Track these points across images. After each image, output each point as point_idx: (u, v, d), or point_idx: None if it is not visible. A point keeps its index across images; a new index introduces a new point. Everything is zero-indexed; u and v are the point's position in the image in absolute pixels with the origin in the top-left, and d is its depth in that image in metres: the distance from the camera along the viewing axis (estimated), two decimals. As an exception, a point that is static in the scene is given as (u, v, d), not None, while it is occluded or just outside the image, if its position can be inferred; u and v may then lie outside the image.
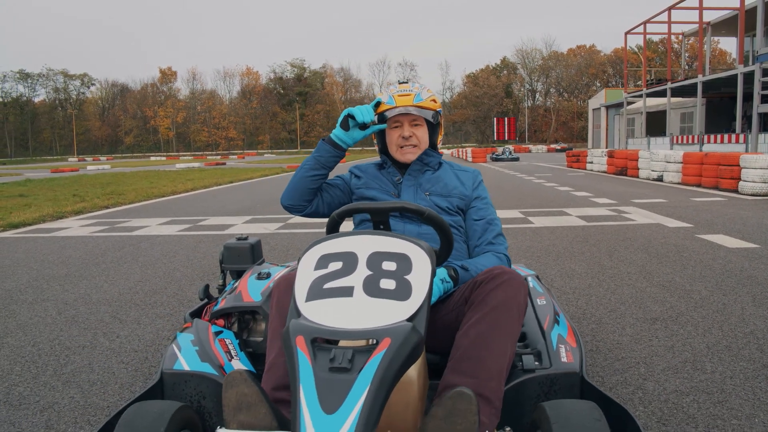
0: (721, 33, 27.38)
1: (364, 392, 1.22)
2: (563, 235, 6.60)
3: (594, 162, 20.68)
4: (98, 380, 2.67)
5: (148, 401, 1.66)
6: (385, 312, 1.41)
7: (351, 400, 1.21)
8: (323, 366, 1.28)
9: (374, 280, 1.48)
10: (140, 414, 1.55)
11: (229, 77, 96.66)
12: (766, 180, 10.05)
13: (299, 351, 1.31)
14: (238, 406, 1.44)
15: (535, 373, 1.88)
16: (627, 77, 34.74)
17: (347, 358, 1.27)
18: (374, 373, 1.25)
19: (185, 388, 1.95)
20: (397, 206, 1.79)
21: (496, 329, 1.68)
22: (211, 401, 1.93)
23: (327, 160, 2.20)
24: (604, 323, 3.31)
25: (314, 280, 1.52)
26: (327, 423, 1.19)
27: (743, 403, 2.27)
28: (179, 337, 2.20)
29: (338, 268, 1.53)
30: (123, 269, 5.17)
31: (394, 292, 1.45)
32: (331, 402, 1.21)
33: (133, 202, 11.79)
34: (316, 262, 1.58)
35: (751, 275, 4.32)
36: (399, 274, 1.50)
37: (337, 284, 1.48)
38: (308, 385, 1.25)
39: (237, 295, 2.41)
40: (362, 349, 1.31)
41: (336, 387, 1.24)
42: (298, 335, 1.34)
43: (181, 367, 1.98)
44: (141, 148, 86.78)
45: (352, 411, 1.20)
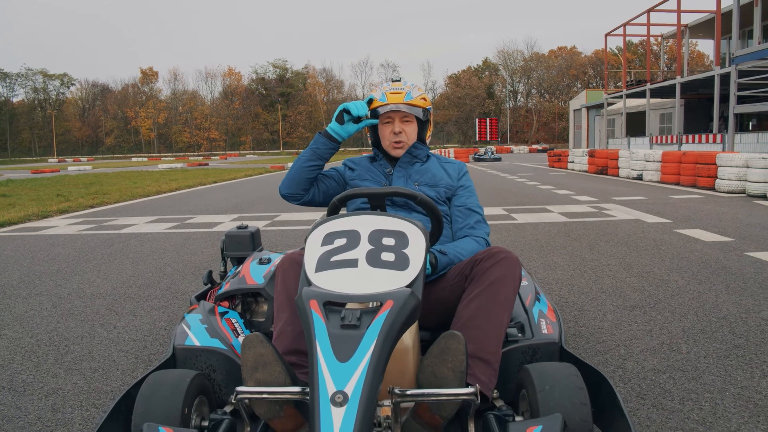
0: (699, 35, 27.95)
1: (372, 344, 1.39)
2: (545, 230, 6.77)
3: (575, 161, 20.98)
4: (100, 367, 2.75)
5: (165, 370, 1.79)
6: (386, 280, 1.58)
7: (361, 351, 1.38)
8: (335, 324, 1.45)
9: (376, 253, 1.66)
10: (160, 381, 1.68)
11: (211, 78, 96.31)
12: (741, 178, 10.34)
13: (313, 312, 1.47)
14: (255, 366, 1.57)
15: (518, 342, 2.07)
16: (607, 78, 35.24)
17: (356, 317, 1.45)
18: (380, 329, 1.42)
19: (196, 362, 2.07)
20: (392, 191, 1.97)
21: (494, 301, 1.86)
22: (220, 374, 2.05)
23: (323, 152, 2.35)
24: (586, 310, 3.46)
25: (322, 254, 1.68)
26: (341, 369, 1.35)
27: (715, 379, 2.42)
28: (187, 317, 2.32)
29: (343, 244, 1.70)
30: (114, 265, 5.23)
31: (394, 263, 1.64)
32: (344, 352, 1.38)
33: (118, 202, 11.77)
34: (322, 239, 1.74)
35: (725, 266, 4.51)
36: (397, 248, 1.68)
37: (342, 257, 1.65)
38: (323, 339, 1.41)
39: (241, 279, 2.54)
40: (368, 310, 1.48)
41: (347, 341, 1.40)
42: (311, 299, 1.50)
43: (191, 342, 2.11)
44: (122, 149, 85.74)
45: (362, 359, 1.37)
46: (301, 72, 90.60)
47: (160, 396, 1.64)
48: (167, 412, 1.60)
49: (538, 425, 1.44)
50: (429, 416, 1.60)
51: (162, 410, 1.61)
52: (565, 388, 1.61)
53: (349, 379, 1.33)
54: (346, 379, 1.33)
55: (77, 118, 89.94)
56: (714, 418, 2.09)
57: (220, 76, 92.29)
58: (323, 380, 1.34)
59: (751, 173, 9.92)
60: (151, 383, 1.69)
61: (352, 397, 1.31)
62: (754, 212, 7.82)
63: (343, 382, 1.33)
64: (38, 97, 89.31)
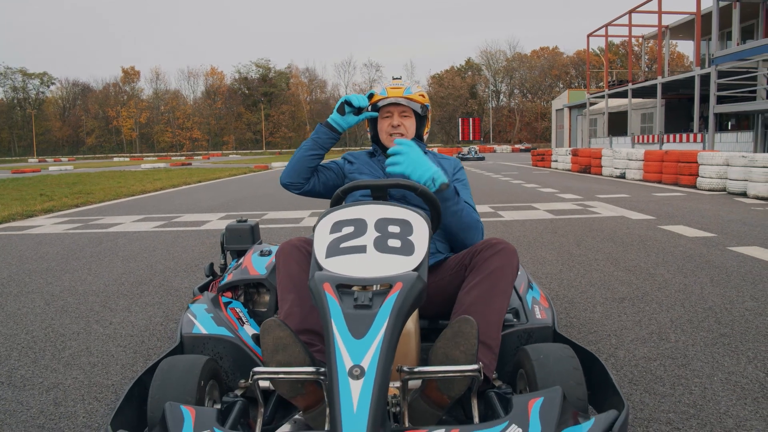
0: (679, 36, 28.37)
1: (385, 322, 1.47)
2: (533, 227, 6.87)
3: (559, 160, 21.19)
4: (99, 362, 2.77)
5: (178, 356, 1.85)
6: (394, 264, 1.67)
7: (375, 328, 1.46)
8: (349, 305, 1.53)
9: (383, 240, 1.74)
10: (174, 365, 1.74)
11: (194, 77, 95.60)
12: (721, 176, 10.55)
13: (327, 295, 1.55)
14: (275, 348, 1.63)
15: (514, 327, 2.18)
16: (589, 78, 35.63)
17: (368, 298, 1.54)
18: (391, 308, 1.50)
19: (203, 349, 2.13)
20: (393, 182, 2.06)
21: (494, 289, 1.95)
22: (227, 361, 2.11)
23: (324, 141, 2.43)
24: (576, 303, 3.54)
25: (331, 241, 1.77)
26: (357, 345, 1.43)
27: (704, 366, 2.51)
28: (192, 307, 2.38)
29: (350, 231, 1.78)
30: (104, 263, 5.21)
31: (401, 249, 1.72)
32: (358, 330, 1.46)
33: (103, 201, 11.66)
34: (330, 227, 1.83)
35: (709, 260, 4.63)
36: (403, 235, 1.78)
37: (351, 243, 1.74)
38: (338, 319, 1.49)
39: (243, 270, 2.60)
40: (379, 291, 1.57)
41: (361, 319, 1.49)
42: (324, 282, 1.58)
43: (198, 331, 2.17)
44: (103, 149, 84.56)
45: (376, 336, 1.45)
46: (284, 72, 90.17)
47: (175, 379, 1.69)
48: (183, 395, 1.66)
49: (540, 397, 1.51)
50: (437, 395, 1.66)
51: (177, 393, 1.66)
52: (562, 368, 1.71)
53: (365, 354, 1.41)
54: (362, 354, 1.41)
55: (57, 118, 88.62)
56: (704, 402, 2.17)
57: (202, 75, 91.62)
58: (340, 356, 1.41)
59: (731, 171, 10.13)
60: (165, 368, 1.75)
61: (368, 370, 1.38)
62: (734, 209, 8.00)
63: (359, 356, 1.41)
64: (17, 96, 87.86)
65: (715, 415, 2.07)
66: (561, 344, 1.87)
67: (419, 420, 1.66)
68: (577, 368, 1.73)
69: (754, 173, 9.29)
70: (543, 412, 1.45)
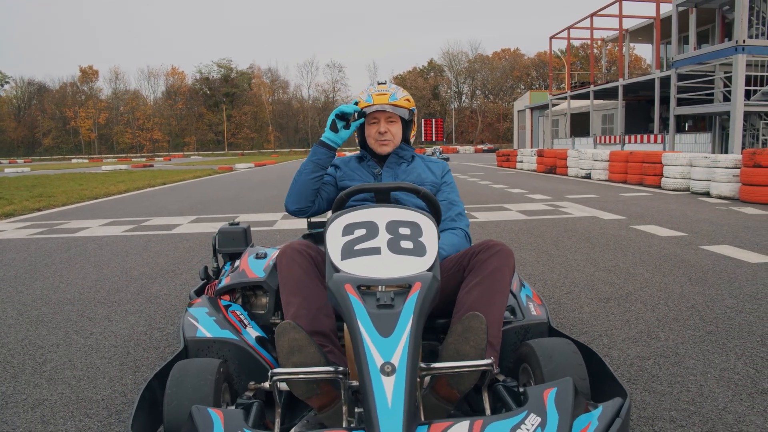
0: (638, 40, 29.13)
1: (410, 320, 1.54)
2: (508, 228, 6.94)
3: (524, 161, 21.50)
4: (84, 376, 2.66)
5: (190, 359, 1.85)
6: (409, 265, 1.74)
7: (401, 327, 1.52)
8: (372, 304, 1.59)
9: (396, 242, 1.82)
10: (187, 369, 1.73)
11: (154, 77, 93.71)
12: (685, 176, 10.87)
13: (350, 295, 1.61)
14: (291, 350, 1.66)
15: (512, 324, 2.26)
16: (552, 80, 36.29)
17: (390, 298, 1.60)
18: (414, 306, 1.57)
19: (208, 353, 2.11)
20: (395, 186, 2.12)
21: (494, 289, 2.01)
22: (233, 363, 2.08)
23: (323, 161, 2.45)
24: (563, 304, 3.58)
25: (344, 243, 1.82)
26: (385, 343, 1.49)
27: (696, 363, 2.57)
28: (192, 311, 2.35)
29: (363, 234, 1.84)
30: (76, 270, 5.04)
31: (413, 251, 1.80)
32: (385, 329, 1.52)
33: (66, 204, 11.29)
34: (342, 230, 1.87)
35: (684, 259, 4.75)
36: (414, 237, 1.85)
37: (365, 245, 1.80)
38: (364, 318, 1.55)
39: (241, 273, 2.58)
40: (399, 291, 1.64)
41: (386, 318, 1.55)
42: (345, 284, 1.63)
43: (203, 334, 2.15)
44: (61, 151, 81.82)
45: (403, 333, 1.51)
46: (246, 72, 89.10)
47: (191, 383, 1.68)
48: (200, 398, 1.65)
49: (554, 387, 1.57)
50: (446, 390, 1.71)
51: (195, 396, 1.65)
52: (567, 361, 1.80)
53: (393, 351, 1.47)
54: (391, 352, 1.47)
55: (12, 118, 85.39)
56: (702, 399, 2.21)
57: (163, 75, 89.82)
58: (370, 353, 1.47)
59: (694, 172, 10.44)
60: (179, 372, 1.74)
61: (399, 366, 1.44)
62: (700, 209, 8.25)
63: (389, 354, 1.46)
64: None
65: (715, 411, 2.11)
66: (563, 339, 1.96)
67: (430, 415, 1.72)
68: (581, 363, 1.82)
69: (717, 174, 9.60)
70: (558, 401, 1.52)
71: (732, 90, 15.48)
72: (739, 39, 15.01)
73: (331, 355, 1.91)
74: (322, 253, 2.11)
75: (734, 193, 9.27)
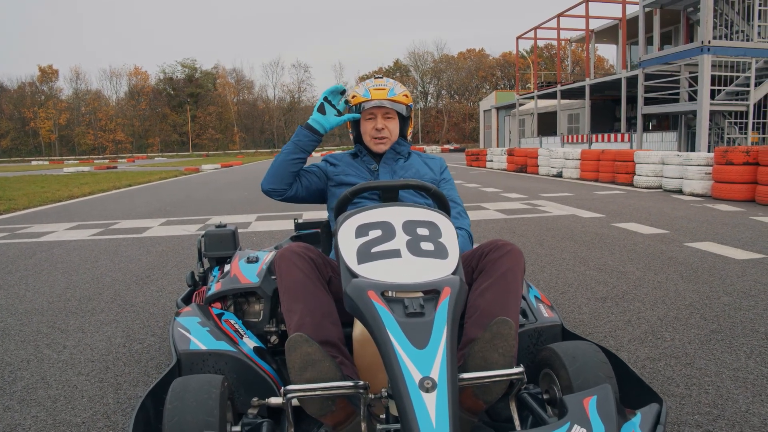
0: (603, 41, 29.59)
1: (444, 329, 1.41)
2: (489, 227, 6.86)
3: (494, 160, 21.59)
4: (60, 396, 2.44)
5: (189, 376, 1.68)
6: (433, 268, 1.61)
7: (436, 337, 1.39)
8: (400, 313, 1.45)
9: (415, 243, 1.68)
10: (189, 387, 1.56)
11: (116, 77, 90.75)
12: (657, 174, 11.00)
13: (375, 303, 1.45)
14: (304, 366, 1.54)
15: (524, 327, 2.14)
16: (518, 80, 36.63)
17: (419, 305, 1.46)
18: (447, 314, 1.44)
19: (204, 367, 1.95)
20: (401, 184, 1.99)
21: (507, 291, 1.90)
22: (231, 377, 1.93)
23: (306, 144, 2.34)
24: (561, 304, 3.49)
25: (360, 246, 1.68)
26: (422, 356, 1.35)
27: (708, 364, 2.49)
28: (183, 320, 2.17)
29: (379, 235, 1.70)
30: (43, 277, 4.75)
31: (435, 252, 1.66)
32: (419, 340, 1.38)
33: (28, 208, 10.79)
34: (355, 231, 1.73)
35: (672, 256, 4.73)
36: (433, 238, 1.72)
37: (383, 248, 1.65)
38: (394, 328, 1.40)
39: (233, 278, 2.41)
40: (428, 298, 1.50)
41: (419, 328, 1.41)
42: (368, 290, 1.48)
43: (197, 347, 1.98)
44: (20, 152, 78.80)
45: (440, 344, 1.38)
46: (211, 72, 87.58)
47: (194, 402, 1.52)
48: (204, 418, 1.49)
49: (593, 395, 1.49)
50: (472, 401, 1.62)
51: (198, 416, 1.49)
52: (592, 364, 1.70)
53: (432, 364, 1.34)
54: (429, 366, 1.34)
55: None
56: (723, 401, 2.14)
57: (125, 75, 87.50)
58: (406, 368, 1.33)
59: (666, 170, 10.58)
60: (179, 389, 1.56)
61: (440, 381, 1.32)
62: (676, 206, 8.33)
63: (426, 368, 1.34)
64: None
65: (739, 414, 2.04)
66: (586, 342, 1.87)
67: None
68: (605, 362, 1.74)
69: (689, 171, 9.73)
70: (601, 410, 1.44)
71: (698, 89, 15.81)
72: (704, 40, 15.34)
73: (343, 367, 1.76)
74: (323, 256, 1.97)
75: (706, 190, 9.41)
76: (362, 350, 1.82)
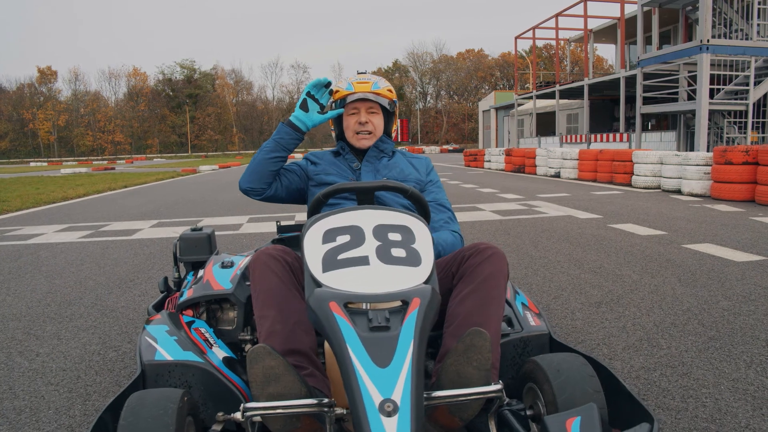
0: (602, 40, 29.46)
1: (410, 346, 1.30)
2: (484, 229, 6.75)
3: (492, 160, 21.47)
4: (26, 407, 2.32)
5: (147, 390, 1.58)
6: (403, 277, 1.50)
7: (400, 354, 1.29)
8: (363, 327, 1.34)
9: (385, 250, 1.57)
10: (145, 402, 1.46)
11: (115, 78, 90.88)
12: (656, 174, 10.88)
13: (336, 315, 1.35)
14: (266, 380, 1.44)
15: (509, 336, 2.02)
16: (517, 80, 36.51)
17: (384, 318, 1.35)
18: (414, 329, 1.33)
19: (169, 378, 1.84)
20: (380, 185, 1.88)
21: (489, 298, 1.79)
22: (197, 390, 1.83)
23: (287, 142, 2.23)
24: (553, 309, 3.38)
25: (326, 252, 1.57)
26: (383, 375, 1.25)
27: (705, 374, 2.38)
28: (150, 329, 2.06)
29: (347, 241, 1.59)
30: (25, 281, 4.63)
31: (406, 260, 1.56)
32: (381, 357, 1.28)
33: (21, 209, 10.67)
34: (322, 236, 1.62)
35: (669, 259, 4.62)
36: (406, 244, 1.61)
37: (351, 254, 1.55)
38: (356, 345, 1.30)
39: (205, 284, 2.30)
40: (394, 310, 1.39)
41: (382, 344, 1.30)
42: (330, 301, 1.37)
43: (162, 357, 1.87)
44: (18, 153, 78.54)
45: (404, 363, 1.27)
46: (210, 73, 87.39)
47: (150, 418, 1.42)
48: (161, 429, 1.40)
49: (577, 416, 1.40)
50: (447, 419, 1.52)
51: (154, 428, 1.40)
52: (578, 378, 1.58)
53: (394, 385, 1.24)
54: (391, 386, 1.24)
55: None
56: (721, 415, 2.02)
57: (124, 76, 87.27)
58: (366, 389, 1.23)
59: (665, 170, 10.45)
60: (135, 404, 1.46)
61: (402, 404, 1.22)
62: (674, 206, 8.21)
63: (388, 389, 1.24)
64: None
65: (739, 429, 1.92)
66: (572, 354, 1.74)
67: None
68: (593, 375, 1.62)
69: (688, 171, 9.60)
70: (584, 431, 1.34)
71: (697, 89, 15.68)
72: (703, 38, 15.22)
73: (311, 378, 1.66)
74: (300, 260, 1.86)
75: (705, 190, 9.29)
76: (334, 361, 1.71)
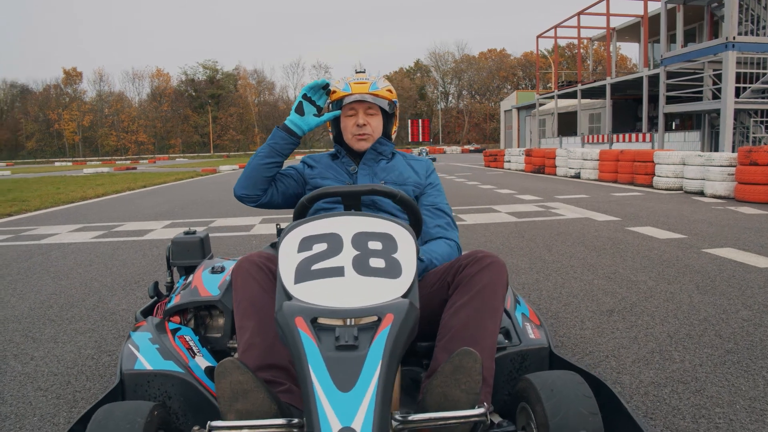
0: (625, 39, 28.99)
1: (377, 368, 1.21)
2: (497, 231, 6.61)
3: (512, 161, 21.26)
4: (12, 413, 2.27)
5: (119, 402, 1.51)
6: (379, 290, 1.40)
7: (365, 377, 1.20)
8: (329, 345, 1.26)
9: (363, 260, 1.47)
10: (113, 416, 1.39)
11: (138, 79, 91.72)
12: (678, 175, 10.60)
13: (301, 332, 1.27)
14: (234, 395, 1.37)
15: (506, 350, 1.91)
16: (539, 79, 36.11)
17: (352, 336, 1.26)
18: (383, 349, 1.24)
19: (148, 388, 1.77)
20: (368, 189, 1.78)
21: (484, 310, 1.69)
22: (177, 401, 1.76)
23: (282, 147, 2.13)
24: (562, 318, 3.24)
25: (300, 262, 1.47)
26: (345, 401, 1.16)
27: (720, 391, 2.23)
28: (134, 336, 1.99)
29: (323, 250, 1.50)
30: (32, 281, 4.62)
31: (385, 271, 1.46)
32: (344, 380, 1.19)
33: (39, 209, 10.80)
34: (298, 245, 1.53)
35: (687, 264, 4.44)
36: (386, 253, 1.51)
37: (325, 265, 1.46)
38: (318, 365, 1.22)
39: (193, 290, 2.23)
40: (365, 326, 1.30)
41: (347, 365, 1.22)
42: (296, 316, 1.29)
43: (142, 366, 1.80)
44: (44, 153, 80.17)
45: (368, 387, 1.18)
46: (232, 73, 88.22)
47: (115, 428, 1.34)
48: None
49: None
50: None
51: None
52: (573, 398, 1.46)
53: (355, 412, 1.15)
54: (352, 413, 1.15)
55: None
56: (734, 440, 1.88)
57: (147, 77, 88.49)
58: (324, 416, 1.15)
59: (687, 170, 10.18)
60: (101, 418, 1.39)
61: None
62: (696, 209, 7.97)
63: (348, 416, 1.14)
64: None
65: (752, 456, 1.78)
66: (569, 372, 1.60)
67: None
68: (590, 396, 1.48)
69: (711, 172, 9.33)
70: None
71: (722, 87, 15.28)
72: (729, 35, 14.81)
73: (287, 395, 1.57)
74: None
75: (729, 192, 9.01)
76: None
